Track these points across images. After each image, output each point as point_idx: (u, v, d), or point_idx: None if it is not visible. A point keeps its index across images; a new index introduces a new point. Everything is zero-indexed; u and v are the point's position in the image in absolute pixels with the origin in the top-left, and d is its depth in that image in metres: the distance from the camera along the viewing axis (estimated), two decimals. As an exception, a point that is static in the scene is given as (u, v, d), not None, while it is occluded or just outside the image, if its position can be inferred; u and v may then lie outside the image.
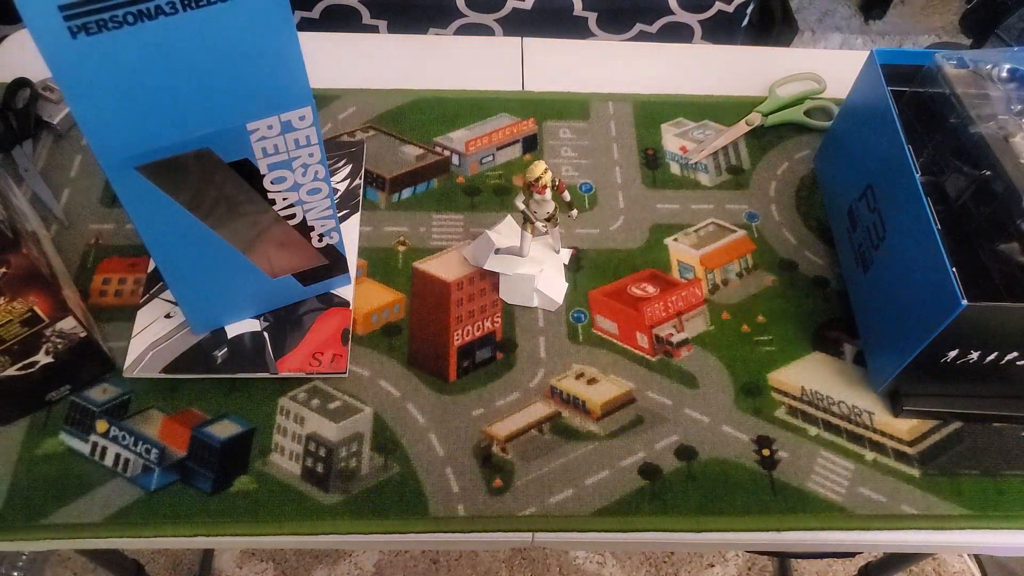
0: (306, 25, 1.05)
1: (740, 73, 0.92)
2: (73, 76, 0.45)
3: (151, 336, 0.67)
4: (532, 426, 0.66)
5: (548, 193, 0.66)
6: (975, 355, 0.60)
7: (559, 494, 0.63)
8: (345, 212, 0.76)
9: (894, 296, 0.65)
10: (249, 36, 0.48)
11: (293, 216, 0.61)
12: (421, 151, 0.82)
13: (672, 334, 0.71)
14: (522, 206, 0.68)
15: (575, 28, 1.08)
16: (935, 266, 0.58)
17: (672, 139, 0.85)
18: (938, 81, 0.69)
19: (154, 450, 0.63)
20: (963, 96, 0.66)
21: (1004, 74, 0.67)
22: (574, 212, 0.69)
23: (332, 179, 0.75)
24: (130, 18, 0.44)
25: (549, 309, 0.72)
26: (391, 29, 1.06)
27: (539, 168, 0.64)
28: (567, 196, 0.68)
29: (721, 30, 1.11)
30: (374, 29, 1.06)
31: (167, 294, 0.69)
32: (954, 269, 0.56)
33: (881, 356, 0.67)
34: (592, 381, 0.68)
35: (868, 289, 0.70)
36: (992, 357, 0.61)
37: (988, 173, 0.64)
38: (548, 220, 0.68)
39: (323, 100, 0.85)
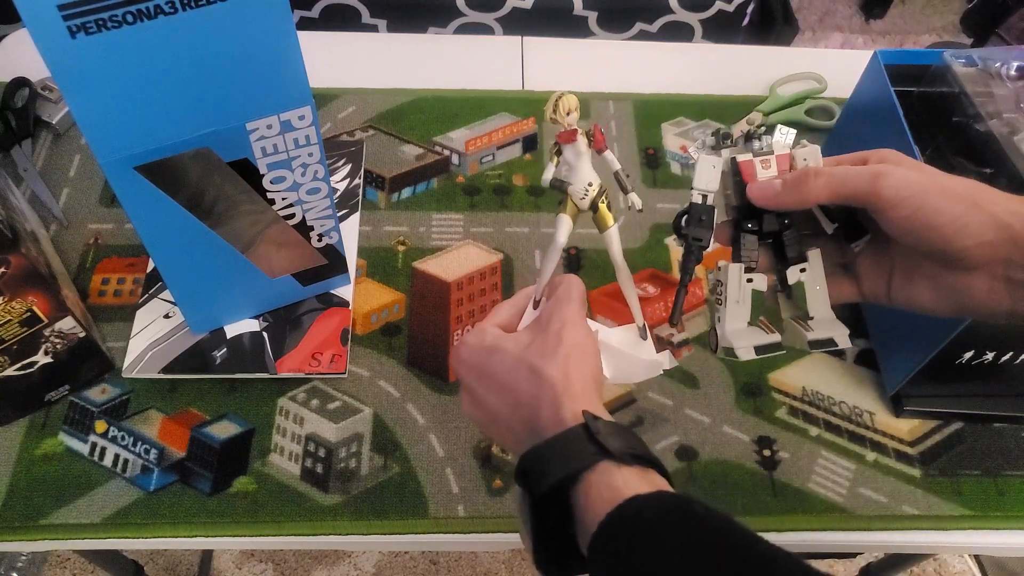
0: (305, 24, 1.05)
1: (741, 72, 0.92)
2: (72, 76, 0.45)
3: (150, 336, 0.66)
4: (532, 426, 0.65)
5: (583, 142, 0.45)
6: (990, 355, 0.60)
7: (559, 495, 0.62)
8: (344, 212, 0.76)
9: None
10: (249, 35, 0.48)
11: (292, 216, 0.61)
12: (421, 151, 0.82)
13: (673, 334, 0.71)
14: (551, 173, 0.46)
15: (575, 27, 1.07)
16: None
17: (672, 138, 0.85)
18: (947, 80, 0.69)
19: (153, 450, 0.63)
20: (972, 94, 0.66)
21: (1013, 72, 0.67)
22: (632, 196, 0.47)
23: (331, 179, 0.75)
24: (129, 18, 0.43)
25: (658, 373, 0.53)
26: (391, 28, 1.06)
27: (563, 99, 0.44)
28: (615, 162, 0.46)
29: (722, 29, 1.11)
30: (373, 28, 1.06)
31: (166, 294, 0.68)
32: None
33: (895, 357, 0.67)
34: (592, 381, 0.68)
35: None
36: (1007, 357, 0.60)
37: (991, 171, 0.64)
38: (595, 194, 0.46)
39: (322, 99, 0.85)
